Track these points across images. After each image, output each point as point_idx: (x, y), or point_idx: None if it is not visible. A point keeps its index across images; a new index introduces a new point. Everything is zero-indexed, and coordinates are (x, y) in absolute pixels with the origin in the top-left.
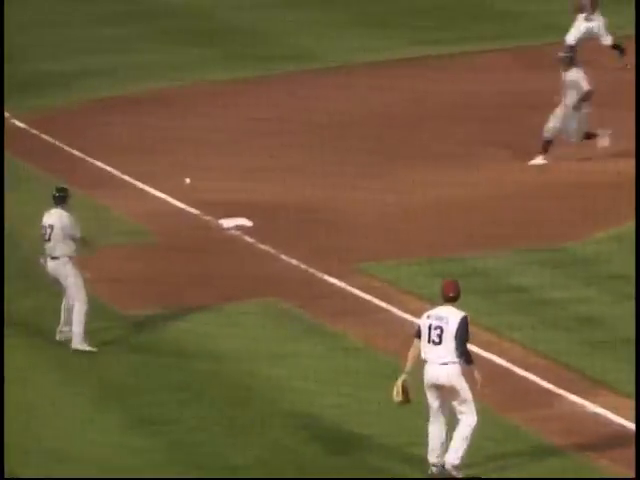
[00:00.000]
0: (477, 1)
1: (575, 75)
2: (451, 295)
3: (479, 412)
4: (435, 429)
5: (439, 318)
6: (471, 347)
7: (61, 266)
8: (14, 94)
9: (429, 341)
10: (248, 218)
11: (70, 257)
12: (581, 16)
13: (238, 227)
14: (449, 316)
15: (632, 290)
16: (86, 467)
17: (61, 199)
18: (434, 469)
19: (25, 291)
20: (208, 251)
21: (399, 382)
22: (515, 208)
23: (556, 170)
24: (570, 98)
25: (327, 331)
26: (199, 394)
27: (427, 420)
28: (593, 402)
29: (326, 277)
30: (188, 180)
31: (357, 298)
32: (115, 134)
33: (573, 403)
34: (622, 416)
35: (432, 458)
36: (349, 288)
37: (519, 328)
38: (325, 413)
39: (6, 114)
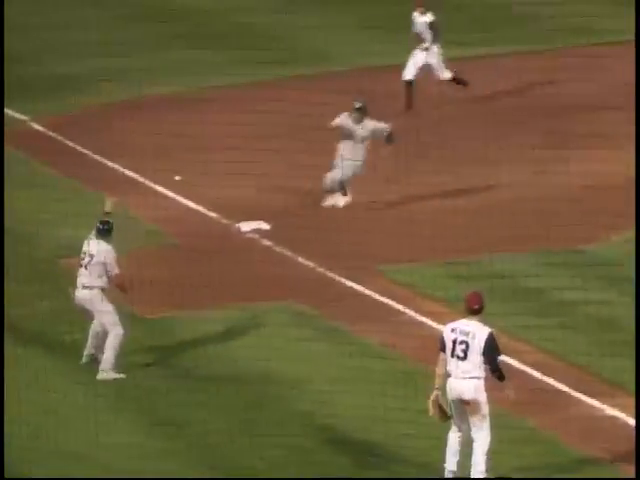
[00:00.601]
0: (501, 3)
1: (371, 125)
2: (475, 308)
3: (495, 416)
4: (455, 437)
5: (464, 333)
6: None
7: (92, 297)
8: (30, 97)
9: (453, 355)
10: (265, 221)
11: (103, 289)
12: (418, 48)
13: (256, 230)
14: (475, 331)
15: None
16: (101, 468)
17: (106, 232)
18: (450, 474)
19: (42, 294)
20: (226, 254)
21: (432, 399)
22: (532, 211)
23: (571, 174)
24: (361, 154)
25: (344, 333)
26: (216, 396)
27: (448, 428)
28: (611, 404)
29: (343, 280)
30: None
31: (374, 301)
32: (131, 137)
33: (590, 405)
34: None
35: (449, 464)
36: (366, 291)
37: (536, 330)
38: (342, 415)
39: (24, 117)
